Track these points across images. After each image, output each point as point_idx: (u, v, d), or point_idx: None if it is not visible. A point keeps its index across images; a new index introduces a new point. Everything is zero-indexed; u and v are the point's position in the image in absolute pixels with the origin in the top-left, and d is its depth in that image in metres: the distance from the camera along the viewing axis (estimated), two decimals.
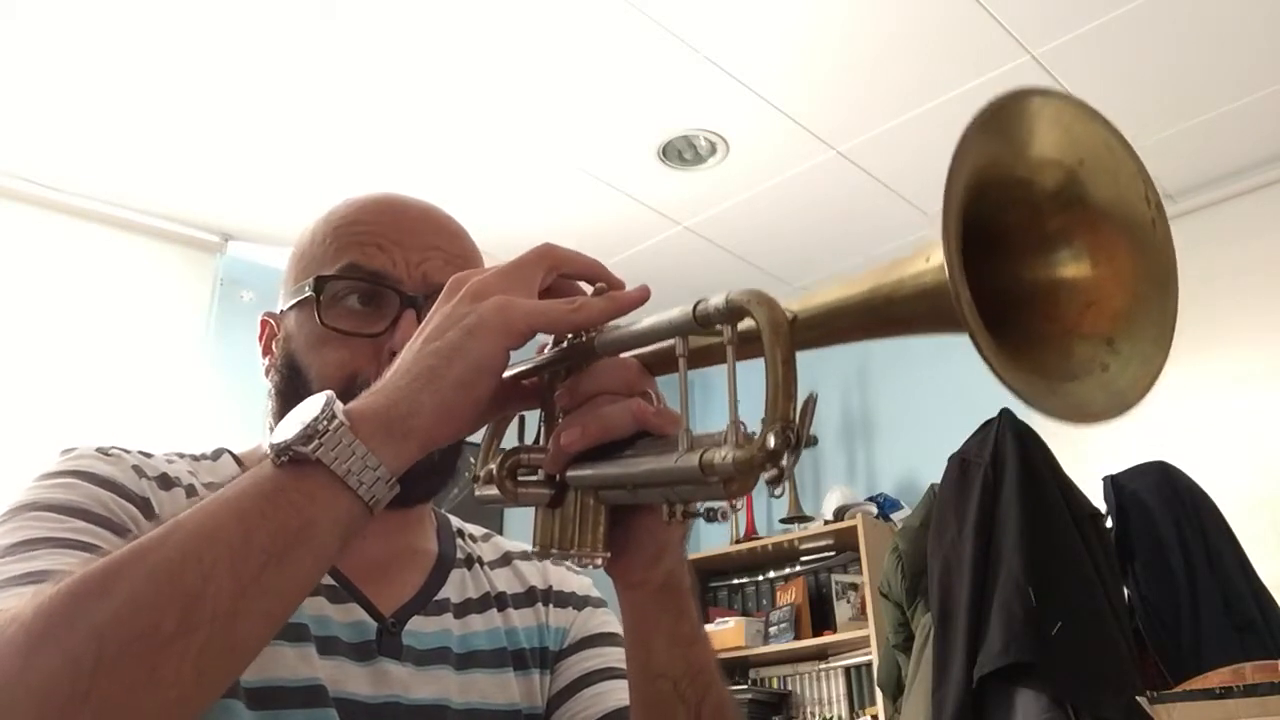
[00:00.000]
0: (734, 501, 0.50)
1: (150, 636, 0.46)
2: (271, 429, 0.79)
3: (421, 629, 0.77)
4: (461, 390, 0.54)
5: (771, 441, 0.44)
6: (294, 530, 0.50)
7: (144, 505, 0.69)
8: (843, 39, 2.56)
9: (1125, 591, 2.25)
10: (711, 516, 0.51)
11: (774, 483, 0.46)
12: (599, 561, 0.59)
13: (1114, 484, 2.37)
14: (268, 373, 0.82)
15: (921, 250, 0.41)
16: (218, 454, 0.82)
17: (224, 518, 0.50)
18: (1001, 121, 0.40)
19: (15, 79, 2.57)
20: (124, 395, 3.01)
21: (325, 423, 0.51)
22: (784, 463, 0.45)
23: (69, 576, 0.49)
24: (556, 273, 0.60)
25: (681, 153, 3.02)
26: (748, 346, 0.48)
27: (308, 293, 0.77)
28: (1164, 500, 2.32)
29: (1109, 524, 2.33)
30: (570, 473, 0.57)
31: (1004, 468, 2.23)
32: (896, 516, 3.54)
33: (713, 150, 3.00)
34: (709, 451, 0.47)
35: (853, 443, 4.05)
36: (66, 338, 2.98)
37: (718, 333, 0.49)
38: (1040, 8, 2.45)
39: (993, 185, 0.41)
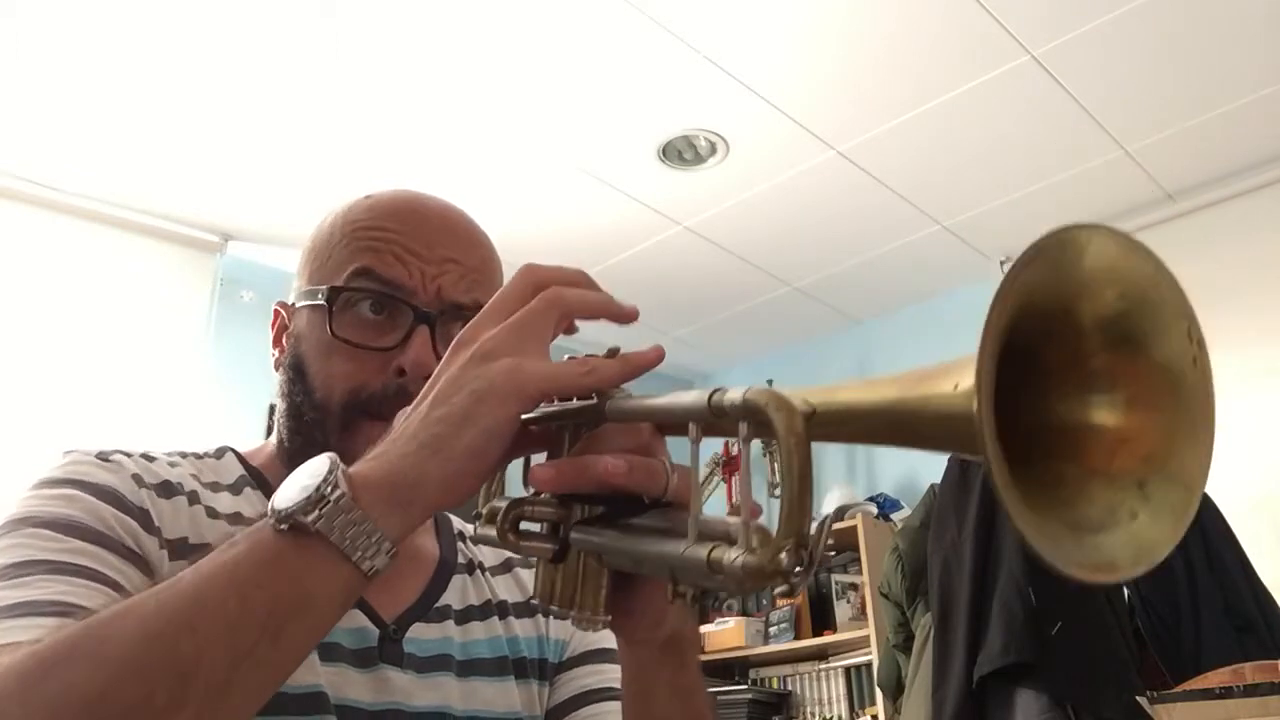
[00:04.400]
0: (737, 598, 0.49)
1: (141, 709, 0.45)
2: (279, 428, 0.79)
3: (422, 636, 0.76)
4: (470, 458, 0.52)
5: (784, 560, 0.43)
6: (290, 602, 0.49)
7: (142, 516, 0.68)
8: (843, 39, 2.56)
9: (1125, 591, 2.25)
10: (715, 607, 0.49)
11: (785, 596, 0.45)
12: (599, 625, 0.57)
13: None
14: (277, 366, 0.82)
15: (951, 371, 0.40)
16: (221, 452, 0.82)
17: (220, 584, 0.49)
18: (1048, 257, 0.39)
19: (15, 79, 2.57)
20: (124, 395, 3.01)
21: (328, 490, 0.50)
22: (794, 580, 0.44)
23: (65, 634, 0.48)
24: (568, 320, 0.58)
25: (681, 153, 3.02)
26: (758, 430, 0.46)
27: (320, 300, 0.77)
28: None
29: None
30: (574, 534, 0.56)
31: None
32: (896, 516, 3.54)
33: (713, 150, 3.00)
34: (718, 549, 0.46)
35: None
36: (66, 338, 2.98)
37: (731, 424, 0.47)
38: (1040, 8, 2.45)
39: (1034, 316, 0.40)
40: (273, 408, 0.83)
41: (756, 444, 0.52)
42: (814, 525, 0.45)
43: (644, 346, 0.56)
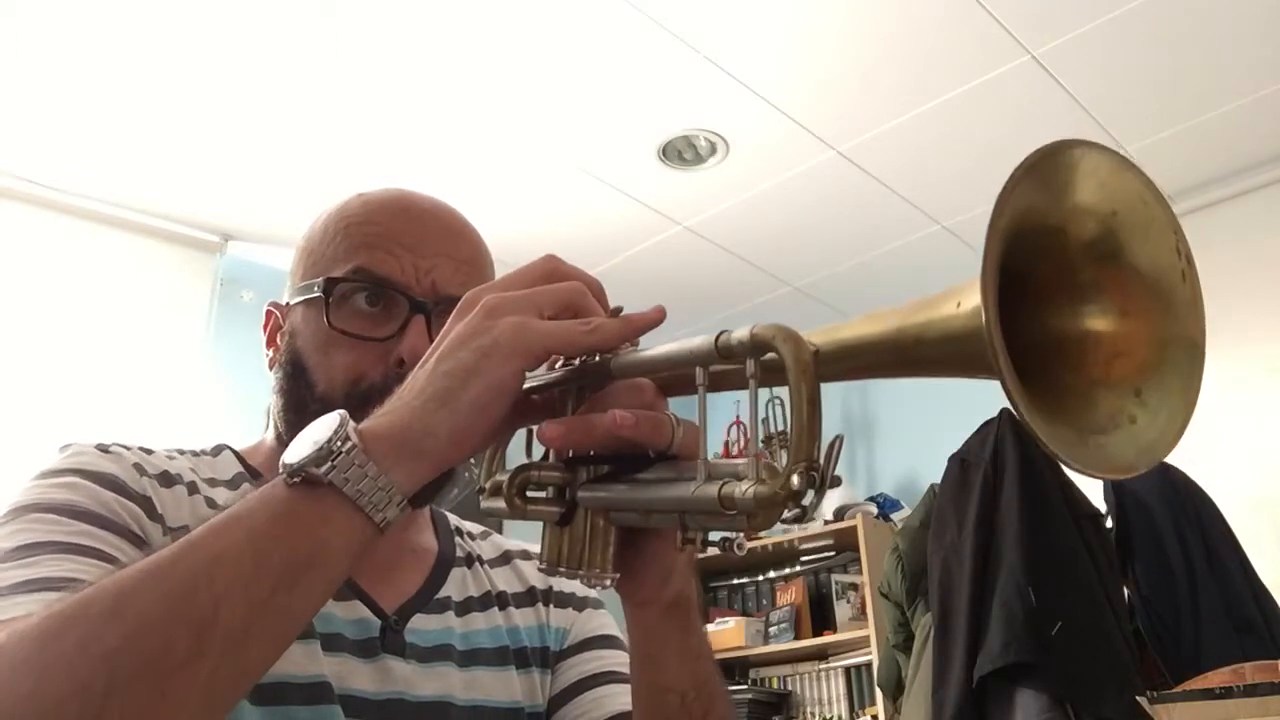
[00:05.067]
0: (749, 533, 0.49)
1: (161, 661, 0.46)
2: (277, 425, 0.80)
3: (424, 626, 0.77)
4: (477, 412, 0.53)
5: (796, 481, 0.44)
6: (305, 553, 0.50)
7: (146, 504, 0.69)
8: (843, 39, 2.56)
9: (1125, 591, 2.25)
10: (727, 548, 0.50)
11: (795, 521, 0.45)
12: (607, 582, 0.58)
13: (1114, 484, 2.37)
14: (272, 365, 0.83)
15: (951, 293, 0.41)
16: (218, 450, 0.82)
17: (236, 538, 0.49)
18: (1042, 172, 0.40)
19: (15, 79, 2.57)
20: (124, 395, 3.01)
21: (339, 444, 0.51)
22: (807, 503, 0.44)
23: (80, 594, 0.48)
24: (572, 312, 0.58)
25: (681, 153, 3.02)
26: (766, 376, 0.47)
27: (316, 293, 0.77)
28: (1164, 500, 2.31)
29: (1109, 524, 2.33)
30: (582, 493, 0.56)
31: (1004, 468, 2.23)
32: (896, 516, 3.54)
33: (713, 150, 3.00)
34: (729, 485, 0.46)
35: (853, 443, 4.05)
36: (66, 338, 2.98)
37: (739, 364, 0.48)
38: (1040, 8, 2.45)
39: (1027, 234, 0.41)
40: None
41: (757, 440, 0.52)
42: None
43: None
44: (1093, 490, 2.36)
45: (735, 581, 4.02)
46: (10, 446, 2.67)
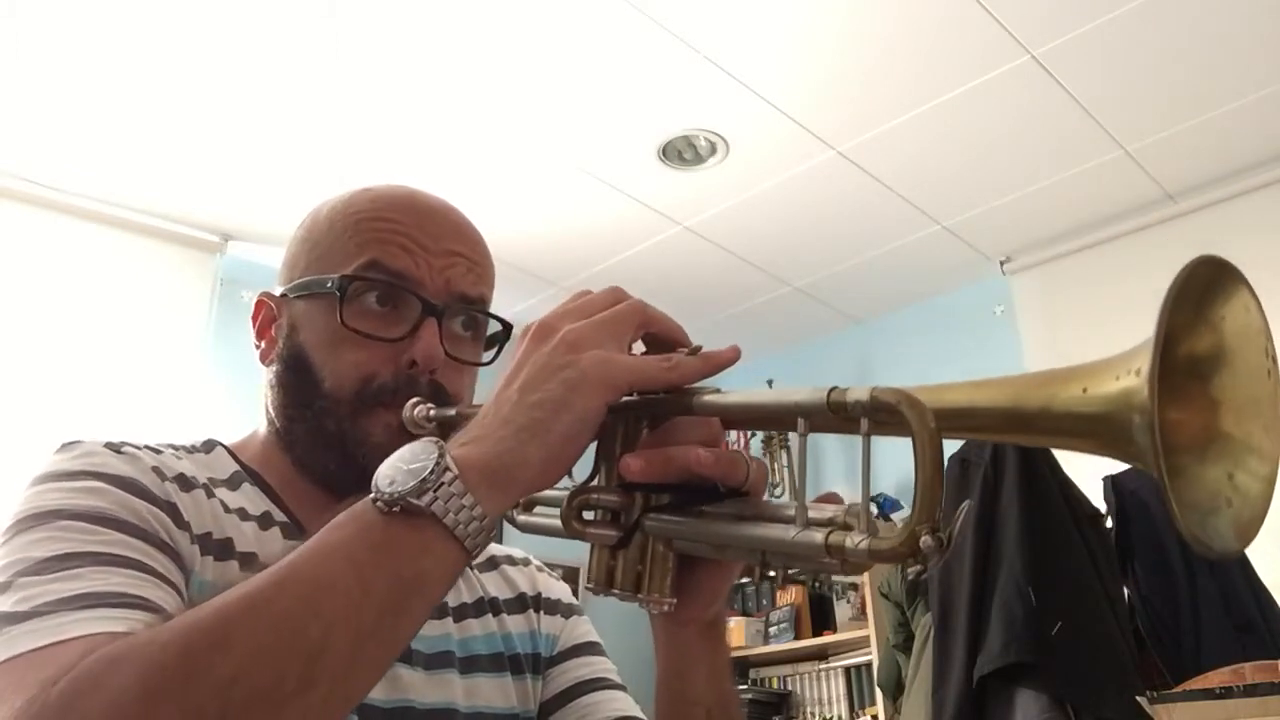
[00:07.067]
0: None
1: (273, 693, 0.46)
2: (273, 420, 0.79)
3: (425, 632, 0.76)
4: (566, 444, 0.55)
5: (926, 542, 0.46)
6: (408, 581, 0.51)
7: (171, 510, 0.66)
8: (843, 39, 2.56)
9: (1125, 591, 2.25)
10: (819, 588, 0.52)
11: (918, 576, 0.47)
12: (665, 607, 0.59)
13: (1114, 484, 2.37)
14: (265, 358, 0.81)
15: (1075, 375, 0.43)
16: (209, 446, 0.80)
17: (339, 566, 0.50)
18: (1191, 285, 0.43)
19: (15, 79, 2.57)
20: (124, 395, 3.02)
21: (438, 475, 0.52)
22: (931, 562, 0.46)
23: (177, 621, 0.48)
24: (644, 331, 0.61)
25: (681, 153, 3.02)
26: (877, 426, 0.50)
27: (328, 289, 0.76)
28: (1164, 500, 2.31)
29: (1109, 524, 2.33)
30: (650, 522, 0.57)
31: (1004, 467, 2.23)
32: (896, 517, 3.54)
33: (713, 150, 3.00)
34: (837, 534, 0.48)
35: (853, 442, 4.03)
36: (66, 338, 2.98)
37: (847, 420, 0.50)
38: (1040, 8, 2.45)
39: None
40: None
41: (755, 444, 0.53)
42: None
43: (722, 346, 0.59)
44: (1093, 490, 2.36)
45: (735, 581, 4.02)
46: (10, 446, 2.67)
